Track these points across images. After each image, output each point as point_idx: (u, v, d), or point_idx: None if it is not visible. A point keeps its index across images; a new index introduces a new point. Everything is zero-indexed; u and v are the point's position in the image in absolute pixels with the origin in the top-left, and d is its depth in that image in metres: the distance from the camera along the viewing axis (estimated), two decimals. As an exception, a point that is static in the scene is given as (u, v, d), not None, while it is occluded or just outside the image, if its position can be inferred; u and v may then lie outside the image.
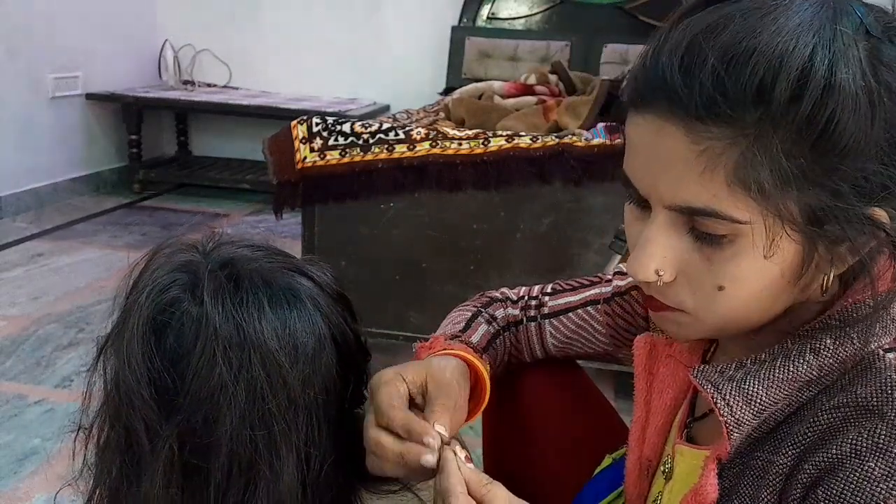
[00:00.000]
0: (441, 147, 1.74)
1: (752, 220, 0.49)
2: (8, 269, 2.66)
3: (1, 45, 3.14)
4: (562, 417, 0.87)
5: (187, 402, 0.55)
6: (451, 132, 1.79)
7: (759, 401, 0.55)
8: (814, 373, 0.54)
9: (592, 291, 0.84)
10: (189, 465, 0.56)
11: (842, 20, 0.47)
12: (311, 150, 1.76)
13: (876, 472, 0.49)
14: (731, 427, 0.55)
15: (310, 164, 1.76)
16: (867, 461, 0.49)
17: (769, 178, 0.47)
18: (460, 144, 1.74)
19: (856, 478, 0.49)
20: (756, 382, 0.55)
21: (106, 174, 3.85)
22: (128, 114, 3.72)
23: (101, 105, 3.73)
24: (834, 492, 0.50)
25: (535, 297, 0.87)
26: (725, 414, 0.55)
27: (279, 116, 3.35)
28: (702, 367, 0.58)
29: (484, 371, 0.71)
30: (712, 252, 0.51)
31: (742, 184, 0.48)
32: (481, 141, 1.75)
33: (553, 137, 1.78)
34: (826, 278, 0.52)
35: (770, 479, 0.55)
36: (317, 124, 1.77)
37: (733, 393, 0.55)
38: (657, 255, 0.53)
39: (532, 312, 0.85)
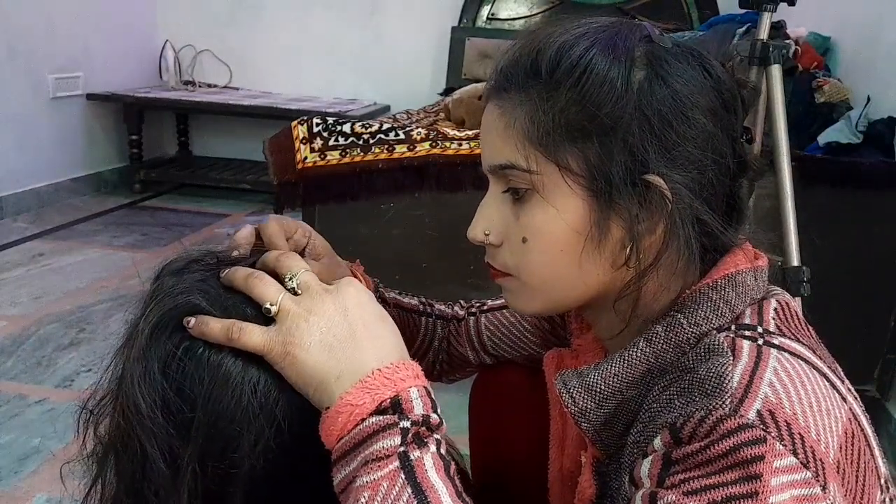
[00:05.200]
0: (441, 147, 1.74)
1: (540, 171, 0.57)
2: (9, 269, 2.67)
3: (1, 46, 3.15)
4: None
5: (205, 421, 0.53)
6: (452, 132, 1.80)
7: (598, 390, 0.59)
8: (651, 360, 0.58)
9: None
10: (210, 491, 0.54)
11: (627, 33, 0.58)
12: (312, 150, 1.76)
13: (676, 403, 0.52)
14: (576, 417, 0.60)
15: (310, 165, 1.76)
16: (673, 399, 0.53)
17: (551, 130, 0.57)
18: (460, 145, 1.74)
19: (662, 414, 0.53)
20: (595, 374, 0.60)
21: (107, 174, 3.86)
22: (128, 114, 3.73)
23: (101, 105, 3.73)
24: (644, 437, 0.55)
25: (481, 301, 0.92)
26: (569, 405, 0.60)
27: (280, 117, 3.36)
28: (564, 371, 0.62)
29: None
30: (519, 209, 0.60)
31: (531, 138, 0.58)
32: (481, 141, 1.75)
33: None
34: (630, 249, 0.57)
35: (627, 463, 0.57)
36: (317, 125, 1.78)
37: (577, 387, 0.60)
38: (484, 217, 0.63)
39: (473, 310, 0.91)
